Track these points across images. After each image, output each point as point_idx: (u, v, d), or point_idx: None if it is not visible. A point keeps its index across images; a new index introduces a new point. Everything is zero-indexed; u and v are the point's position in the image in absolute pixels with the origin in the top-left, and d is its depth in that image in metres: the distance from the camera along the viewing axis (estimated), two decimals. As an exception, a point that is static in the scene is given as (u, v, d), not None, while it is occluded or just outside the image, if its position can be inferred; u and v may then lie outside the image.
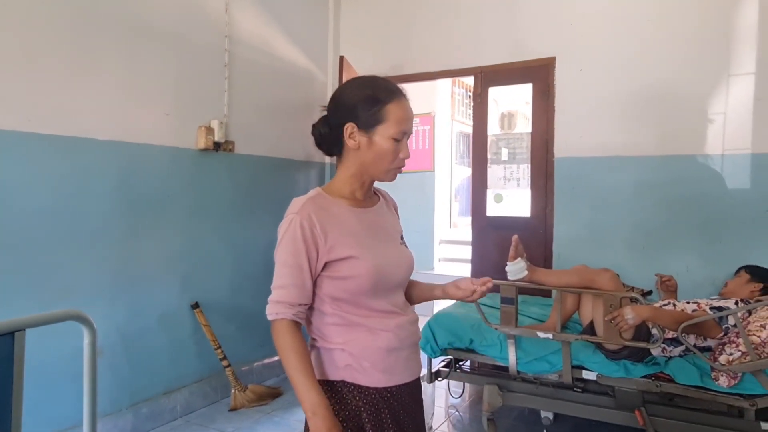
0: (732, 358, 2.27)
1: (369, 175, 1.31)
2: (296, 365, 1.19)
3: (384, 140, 1.26)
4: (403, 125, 1.26)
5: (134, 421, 2.87)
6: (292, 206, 1.27)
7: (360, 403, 1.26)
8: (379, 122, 1.25)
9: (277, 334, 1.23)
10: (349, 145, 1.28)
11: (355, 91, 1.29)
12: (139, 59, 2.90)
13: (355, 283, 1.24)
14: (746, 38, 3.12)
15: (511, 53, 3.79)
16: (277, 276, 1.26)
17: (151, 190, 3.00)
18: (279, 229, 1.27)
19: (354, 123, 1.26)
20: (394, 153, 1.27)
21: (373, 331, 1.27)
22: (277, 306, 1.24)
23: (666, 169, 3.32)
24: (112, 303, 2.80)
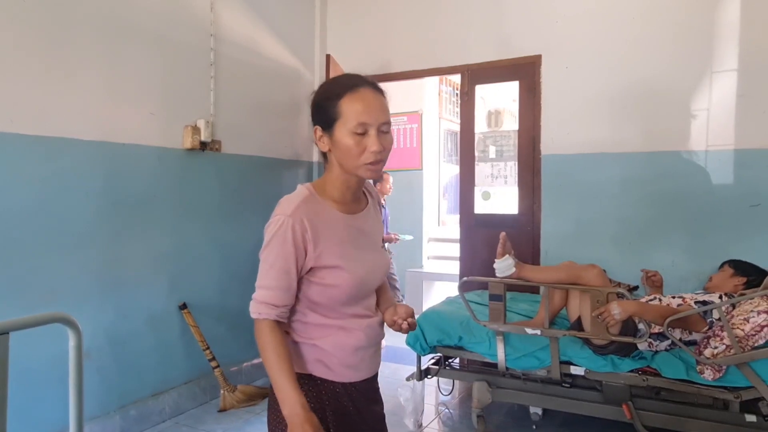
0: (717, 351, 2.31)
1: (349, 174, 1.27)
2: (276, 363, 1.21)
3: (344, 136, 1.21)
4: (361, 117, 1.20)
5: (122, 423, 2.85)
6: (283, 206, 1.25)
7: (325, 396, 1.29)
8: (336, 119, 1.22)
9: (259, 333, 1.25)
10: (320, 148, 1.28)
11: (315, 95, 1.30)
12: (124, 59, 2.88)
13: (336, 291, 1.26)
14: (728, 36, 3.16)
15: (498, 51, 3.80)
16: (263, 276, 1.26)
17: (137, 191, 2.97)
18: (267, 228, 1.26)
19: (319, 125, 1.27)
20: (359, 147, 1.21)
21: (346, 330, 1.30)
22: (261, 306, 1.25)
23: (651, 165, 3.36)
24: (98, 305, 2.78)
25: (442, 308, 3.16)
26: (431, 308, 3.19)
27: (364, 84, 1.25)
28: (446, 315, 3.00)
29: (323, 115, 1.25)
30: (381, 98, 1.27)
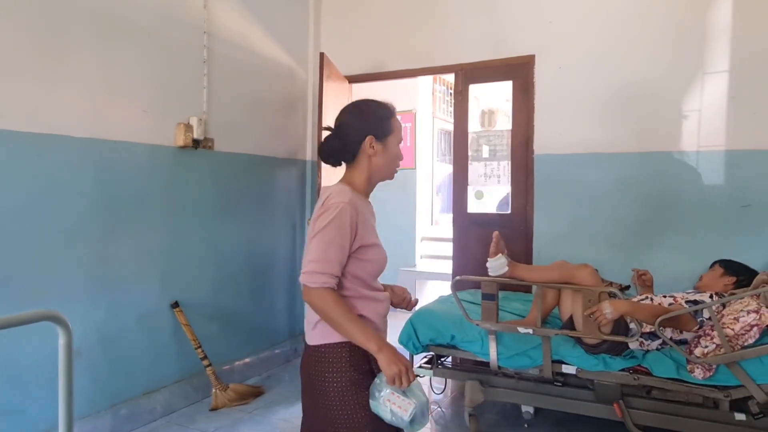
0: (707, 350, 2.32)
1: (379, 177, 1.66)
2: (350, 319, 1.46)
3: (394, 146, 1.65)
4: (401, 134, 1.68)
5: (113, 422, 2.83)
6: (340, 195, 1.52)
7: (372, 359, 1.51)
8: (390, 132, 1.64)
9: (323, 299, 1.46)
10: (368, 153, 1.61)
11: (373, 112, 1.65)
12: (116, 55, 2.86)
13: (373, 266, 1.58)
14: (720, 37, 3.18)
15: (492, 51, 3.81)
16: (323, 250, 1.47)
17: (130, 189, 2.95)
18: (323, 213, 1.50)
19: (374, 135, 1.61)
20: (399, 155, 1.68)
21: (376, 300, 1.60)
22: (322, 276, 1.46)
23: (643, 165, 3.37)
24: (89, 303, 2.76)
25: (435, 307, 3.16)
26: (424, 307, 3.19)
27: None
28: (439, 314, 3.00)
29: (381, 128, 1.62)
30: None
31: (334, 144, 1.63)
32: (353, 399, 1.49)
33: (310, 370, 1.57)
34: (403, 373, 1.41)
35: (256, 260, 3.86)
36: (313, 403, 1.56)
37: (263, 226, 3.93)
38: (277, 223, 4.08)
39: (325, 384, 1.52)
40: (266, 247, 3.96)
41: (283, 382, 3.72)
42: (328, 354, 1.52)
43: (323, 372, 1.53)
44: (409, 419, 1.40)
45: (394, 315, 5.78)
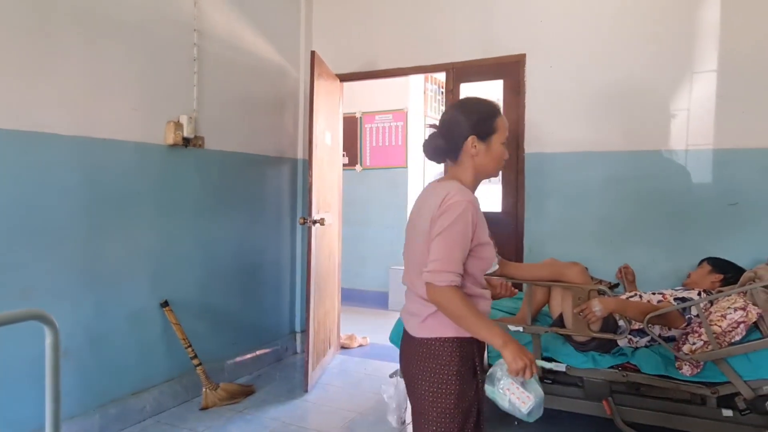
0: (695, 347, 2.34)
1: (484, 175, 1.70)
2: (475, 315, 1.51)
3: (497, 146, 1.67)
4: (506, 133, 1.69)
5: (102, 422, 2.81)
6: (462, 194, 1.57)
7: (476, 355, 1.63)
8: (494, 132, 1.66)
9: (449, 297, 1.51)
10: (470, 152, 1.65)
11: (477, 112, 1.67)
12: (104, 52, 2.83)
13: (484, 263, 1.63)
14: (709, 37, 3.20)
15: (483, 49, 3.81)
16: (449, 249, 1.52)
17: (118, 187, 2.93)
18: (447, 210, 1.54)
19: (476, 135, 1.64)
20: (504, 154, 1.69)
21: (484, 297, 1.66)
22: (450, 275, 1.51)
23: (633, 164, 3.40)
24: (77, 302, 2.74)
25: (426, 305, 3.16)
26: (415, 305, 3.19)
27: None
28: (430, 312, 3.00)
29: (485, 128, 1.65)
30: None
31: (438, 142, 1.69)
32: (456, 391, 1.57)
33: (414, 363, 1.63)
34: (527, 367, 1.49)
35: (246, 259, 3.85)
36: (417, 392, 1.63)
37: (254, 224, 3.92)
38: (267, 222, 4.07)
39: (429, 376, 1.59)
40: (256, 246, 3.95)
41: (273, 380, 3.72)
42: (436, 348, 1.59)
43: (429, 364, 1.60)
44: (527, 411, 1.51)
45: (386, 314, 5.77)
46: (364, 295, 6.21)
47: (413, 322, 1.67)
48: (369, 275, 6.25)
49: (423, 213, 1.63)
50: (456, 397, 1.57)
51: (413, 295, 1.68)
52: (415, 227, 1.69)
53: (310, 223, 3.48)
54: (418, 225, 1.66)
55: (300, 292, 4.36)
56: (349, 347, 4.46)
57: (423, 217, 1.62)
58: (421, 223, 1.63)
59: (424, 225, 1.61)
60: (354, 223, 6.06)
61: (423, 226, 1.61)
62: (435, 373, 1.59)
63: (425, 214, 1.61)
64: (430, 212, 1.59)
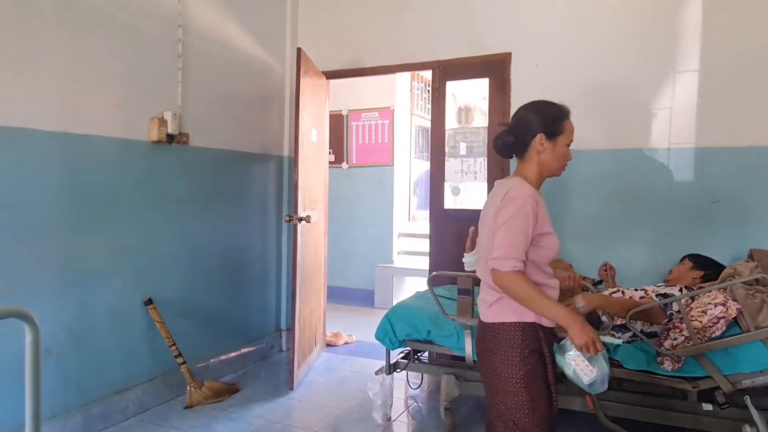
0: (676, 342, 2.38)
1: (547, 173, 1.83)
2: (540, 295, 1.66)
3: (563, 146, 1.81)
4: (572, 135, 1.83)
5: (84, 422, 2.78)
6: (523, 189, 1.72)
7: (542, 339, 1.75)
8: (561, 133, 1.80)
9: (515, 281, 1.66)
10: (537, 149, 1.79)
11: (546, 112, 1.81)
12: (87, 47, 2.79)
13: (548, 252, 1.76)
14: (691, 37, 3.24)
15: (469, 48, 3.83)
16: (512, 238, 1.67)
17: (101, 184, 2.89)
18: (508, 203, 1.69)
19: (544, 134, 1.78)
20: (568, 155, 1.83)
21: (549, 286, 1.78)
22: (514, 261, 1.66)
23: (616, 162, 3.43)
24: (59, 300, 2.70)
25: (412, 303, 3.17)
26: (400, 303, 3.20)
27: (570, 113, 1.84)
28: (415, 309, 3.01)
29: (553, 128, 1.79)
30: None
31: (508, 138, 1.84)
32: (522, 372, 1.71)
33: (484, 345, 1.81)
34: (590, 343, 1.63)
35: (231, 257, 3.82)
36: (486, 371, 1.81)
37: (239, 222, 3.89)
38: (252, 220, 4.04)
39: (495, 357, 1.75)
40: (242, 244, 3.93)
41: (258, 378, 3.70)
42: (502, 331, 1.75)
43: (496, 347, 1.76)
44: (588, 383, 1.68)
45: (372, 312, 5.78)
46: (350, 293, 6.21)
47: (482, 308, 1.84)
48: (355, 273, 6.25)
49: (489, 208, 1.81)
50: (523, 378, 1.71)
51: (484, 284, 1.85)
52: (483, 222, 1.86)
53: (296, 220, 3.47)
54: (485, 219, 1.83)
55: (286, 290, 4.35)
56: (335, 345, 4.46)
57: (489, 212, 1.80)
58: (487, 217, 1.80)
59: (489, 219, 1.78)
60: (340, 220, 6.06)
61: (489, 220, 1.78)
62: (502, 354, 1.74)
63: (491, 209, 1.78)
64: (494, 206, 1.75)
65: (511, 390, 1.73)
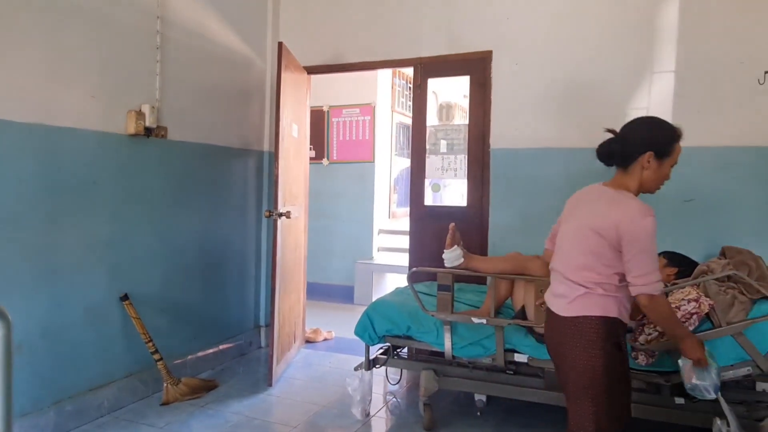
0: (650, 337, 2.42)
1: (645, 188, 1.90)
2: (677, 320, 1.95)
3: (667, 167, 1.88)
4: (677, 158, 1.89)
5: (57, 419, 2.73)
6: (647, 208, 1.78)
7: (621, 333, 1.88)
8: (669, 155, 1.86)
9: (660, 304, 1.80)
10: (643, 165, 1.85)
11: (661, 132, 1.87)
12: (61, 37, 2.73)
13: None
14: (668, 39, 3.30)
15: (450, 45, 3.84)
16: (650, 262, 1.77)
17: (76, 177, 2.84)
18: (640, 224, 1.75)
19: (652, 152, 1.83)
20: (668, 176, 1.90)
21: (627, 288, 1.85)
22: (659, 284, 1.77)
23: (594, 161, 3.44)
24: (32, 295, 2.64)
25: (391, 299, 3.18)
26: (380, 299, 3.20)
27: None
28: (395, 305, 3.02)
29: (664, 148, 1.85)
30: None
31: (615, 147, 1.89)
32: (603, 363, 1.79)
33: (561, 338, 1.89)
34: (702, 357, 1.86)
35: (210, 252, 3.78)
36: (564, 365, 1.89)
37: (217, 217, 3.85)
38: (231, 215, 4.01)
39: (579, 350, 1.82)
40: (220, 239, 3.89)
41: (236, 375, 3.67)
42: (584, 325, 1.82)
43: (578, 340, 1.83)
44: (690, 386, 1.93)
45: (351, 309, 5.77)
46: (330, 289, 6.19)
47: (560, 303, 1.90)
48: (335, 269, 6.24)
49: (595, 213, 1.85)
50: (603, 369, 1.79)
51: (561, 278, 1.91)
52: (577, 220, 1.92)
53: (276, 215, 3.45)
54: (582, 219, 1.89)
55: (265, 286, 4.32)
56: (314, 341, 4.44)
57: (593, 216, 1.85)
58: (588, 219, 1.86)
59: (593, 222, 1.83)
60: (320, 217, 6.03)
61: (592, 223, 1.83)
62: (583, 347, 1.81)
63: (598, 218, 1.83)
64: (602, 215, 1.82)
65: (592, 375, 1.81)
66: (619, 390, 1.87)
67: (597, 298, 1.82)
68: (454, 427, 2.92)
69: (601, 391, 1.82)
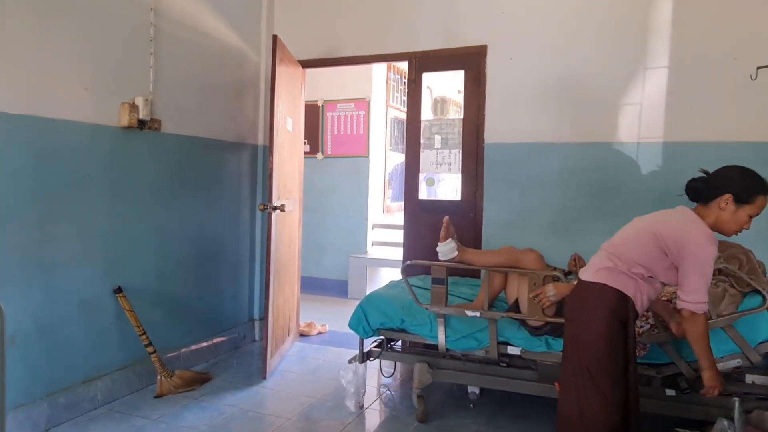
0: (642, 330, 2.45)
1: (719, 228, 1.98)
2: (709, 345, 2.01)
3: (744, 215, 1.95)
4: (759, 211, 1.95)
5: (50, 411, 2.72)
6: (714, 237, 1.94)
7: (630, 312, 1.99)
8: (749, 203, 1.93)
9: (700, 324, 1.97)
10: (720, 206, 1.96)
11: (745, 179, 1.96)
12: (55, 28, 2.71)
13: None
14: (661, 34, 3.32)
15: (445, 40, 3.84)
16: (704, 285, 1.92)
17: (70, 169, 2.83)
18: (707, 248, 1.91)
19: (732, 195, 1.93)
20: (746, 225, 1.97)
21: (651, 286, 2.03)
22: (705, 306, 1.94)
23: (587, 155, 3.50)
24: (25, 288, 2.63)
25: (385, 292, 3.19)
26: (374, 292, 3.21)
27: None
28: (389, 298, 3.03)
29: (745, 195, 1.94)
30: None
31: (699, 185, 2.03)
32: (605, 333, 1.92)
33: (574, 302, 2.06)
34: (717, 388, 2.02)
35: (204, 245, 3.78)
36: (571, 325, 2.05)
37: (211, 210, 3.85)
38: (226, 209, 4.00)
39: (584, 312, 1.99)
40: (214, 233, 3.89)
41: (230, 368, 3.67)
42: (597, 290, 1.97)
43: (587, 302, 1.99)
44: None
45: (345, 303, 5.78)
46: (324, 284, 6.20)
47: (588, 271, 2.06)
48: (329, 263, 6.25)
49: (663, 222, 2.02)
50: (606, 342, 1.92)
51: (602, 252, 2.09)
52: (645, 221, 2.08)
53: (270, 209, 3.45)
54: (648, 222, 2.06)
55: (259, 280, 4.32)
56: (308, 334, 4.45)
57: (661, 224, 2.01)
58: (654, 225, 2.02)
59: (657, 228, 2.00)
60: (314, 211, 6.04)
61: (656, 228, 1.99)
62: (591, 309, 1.97)
63: (665, 225, 1.99)
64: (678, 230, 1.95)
65: (593, 341, 1.94)
66: (616, 374, 1.93)
67: (620, 275, 1.97)
68: (447, 418, 2.94)
69: (598, 369, 1.91)
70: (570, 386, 2.00)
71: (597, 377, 1.92)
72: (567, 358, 2.05)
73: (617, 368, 1.94)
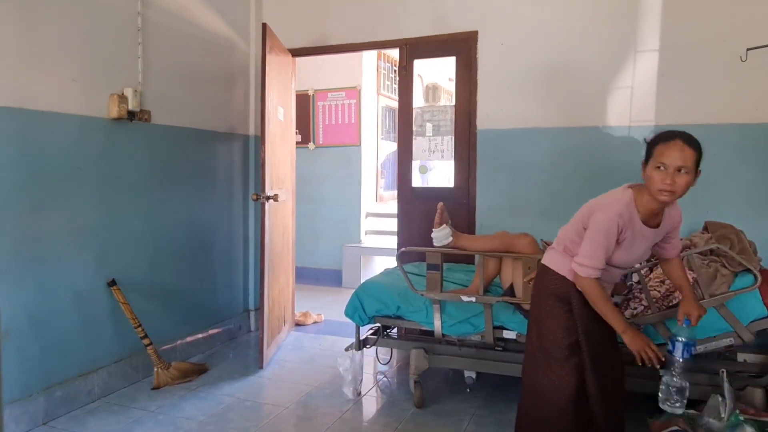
0: (636, 312, 2.47)
1: (652, 196, 1.87)
2: (607, 304, 1.93)
3: (651, 171, 1.85)
4: (659, 158, 1.83)
5: (47, 405, 2.72)
6: (613, 207, 1.90)
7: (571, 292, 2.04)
8: (652, 157, 1.87)
9: (591, 286, 1.92)
10: (642, 176, 1.91)
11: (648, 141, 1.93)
12: (41, 18, 2.67)
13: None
14: (651, 17, 3.32)
15: (436, 26, 3.82)
16: (593, 250, 1.91)
17: (59, 162, 2.80)
18: (599, 220, 1.91)
19: (644, 160, 1.91)
20: (657, 178, 1.83)
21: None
22: (590, 270, 1.91)
23: (579, 140, 3.50)
24: (17, 282, 2.61)
25: (381, 279, 3.20)
26: (369, 279, 3.22)
27: (676, 137, 1.84)
28: (384, 286, 3.04)
29: (647, 153, 1.89)
30: (686, 149, 1.82)
31: None
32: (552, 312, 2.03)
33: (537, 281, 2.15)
34: (642, 349, 1.90)
35: (197, 236, 3.76)
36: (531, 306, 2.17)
37: (204, 201, 3.83)
38: (218, 199, 3.98)
39: (535, 291, 2.14)
40: (208, 223, 3.87)
41: (227, 358, 3.68)
42: (542, 271, 2.12)
43: (537, 281, 2.14)
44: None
45: (339, 292, 5.78)
46: (318, 273, 6.21)
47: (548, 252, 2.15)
48: (322, 253, 6.25)
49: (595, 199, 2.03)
50: (551, 316, 2.03)
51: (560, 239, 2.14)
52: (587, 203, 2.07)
53: (264, 199, 3.43)
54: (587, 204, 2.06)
55: (253, 270, 4.32)
56: (304, 324, 4.46)
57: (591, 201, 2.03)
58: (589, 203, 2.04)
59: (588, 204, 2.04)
60: (307, 201, 6.02)
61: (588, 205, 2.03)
62: (537, 288, 2.13)
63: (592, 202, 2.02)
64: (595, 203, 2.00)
65: (543, 318, 2.06)
66: (562, 351, 2.00)
67: (557, 254, 2.08)
68: (444, 403, 2.96)
69: (548, 347, 2.02)
70: (528, 365, 2.13)
71: (547, 354, 2.02)
72: (527, 337, 2.19)
73: (563, 345, 2.00)
